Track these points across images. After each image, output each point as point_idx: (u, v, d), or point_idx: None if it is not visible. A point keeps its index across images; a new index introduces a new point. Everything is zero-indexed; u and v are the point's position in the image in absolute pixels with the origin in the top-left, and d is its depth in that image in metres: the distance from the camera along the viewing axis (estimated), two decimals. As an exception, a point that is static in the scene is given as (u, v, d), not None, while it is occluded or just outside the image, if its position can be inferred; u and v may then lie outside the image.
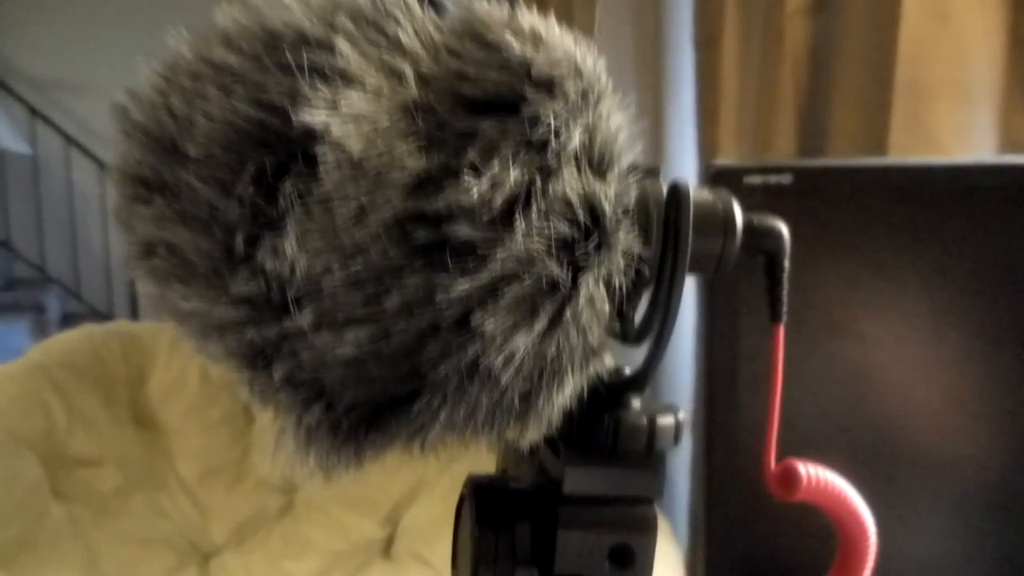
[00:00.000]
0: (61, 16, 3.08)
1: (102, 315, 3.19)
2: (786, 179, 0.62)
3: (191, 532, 1.67)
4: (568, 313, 0.26)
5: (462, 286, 0.24)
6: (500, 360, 0.25)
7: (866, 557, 0.34)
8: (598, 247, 0.26)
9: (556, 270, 0.25)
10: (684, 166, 1.46)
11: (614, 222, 0.26)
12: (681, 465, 1.73)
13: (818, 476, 0.32)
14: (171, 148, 0.26)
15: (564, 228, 0.25)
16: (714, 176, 0.63)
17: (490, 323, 0.24)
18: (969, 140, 1.14)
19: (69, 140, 3.13)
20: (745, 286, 0.65)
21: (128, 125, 0.28)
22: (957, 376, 0.62)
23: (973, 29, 1.16)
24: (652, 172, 0.29)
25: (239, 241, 0.25)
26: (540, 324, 0.25)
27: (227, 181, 0.25)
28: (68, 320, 3.16)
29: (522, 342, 0.25)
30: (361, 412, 0.27)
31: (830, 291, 0.63)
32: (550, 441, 0.33)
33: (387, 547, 1.72)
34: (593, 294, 0.26)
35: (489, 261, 0.24)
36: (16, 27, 3.11)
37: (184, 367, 1.76)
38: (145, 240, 0.27)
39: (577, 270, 0.25)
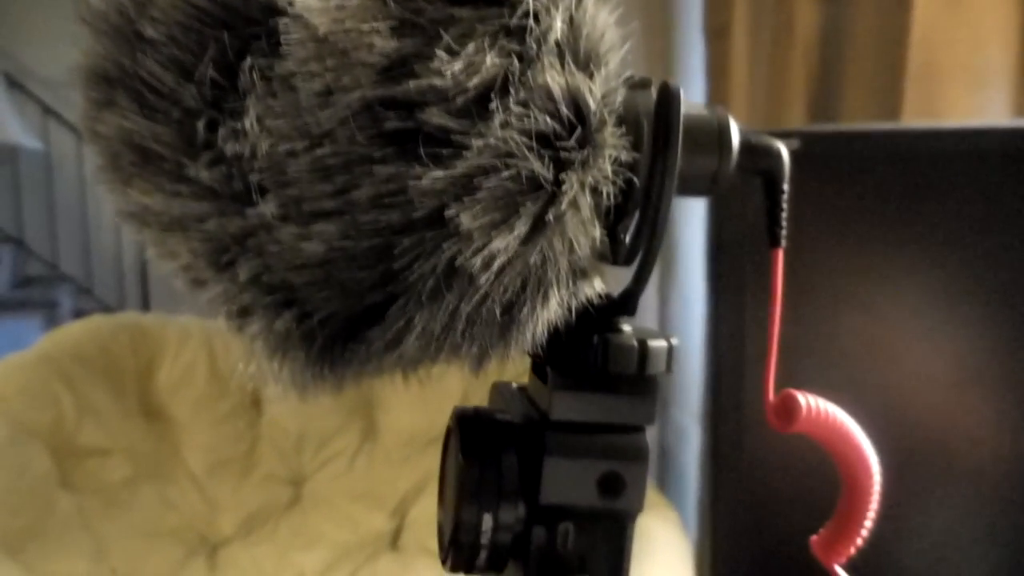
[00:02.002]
0: (73, 15, 3.08)
1: (114, 312, 3.20)
2: (794, 144, 0.61)
3: (199, 524, 1.66)
4: (551, 215, 0.25)
5: (435, 177, 0.23)
6: (479, 262, 0.24)
7: (870, 495, 0.33)
8: (582, 145, 0.25)
9: (537, 166, 0.24)
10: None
11: (599, 120, 0.25)
12: (690, 457, 1.71)
13: (818, 406, 0.31)
14: (131, 33, 0.25)
15: (545, 121, 0.24)
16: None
17: (466, 218, 0.23)
18: (982, 124, 1.12)
19: (82, 137, 3.13)
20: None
21: (88, 15, 0.27)
22: (969, 344, 0.61)
23: (986, 13, 1.15)
24: (643, 83, 0.28)
25: (200, 127, 0.24)
26: (521, 225, 0.24)
27: (187, 64, 0.25)
28: (80, 317, 3.16)
29: (502, 243, 0.24)
30: (335, 324, 0.26)
31: (839, 256, 0.62)
32: (538, 369, 0.32)
33: (395, 539, 1.71)
34: (578, 198, 0.25)
35: (465, 152, 0.23)
36: (28, 26, 3.13)
37: (193, 360, 1.76)
38: (110, 147, 0.27)
39: (560, 168, 0.24)
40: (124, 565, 1.49)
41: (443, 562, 0.32)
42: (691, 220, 1.66)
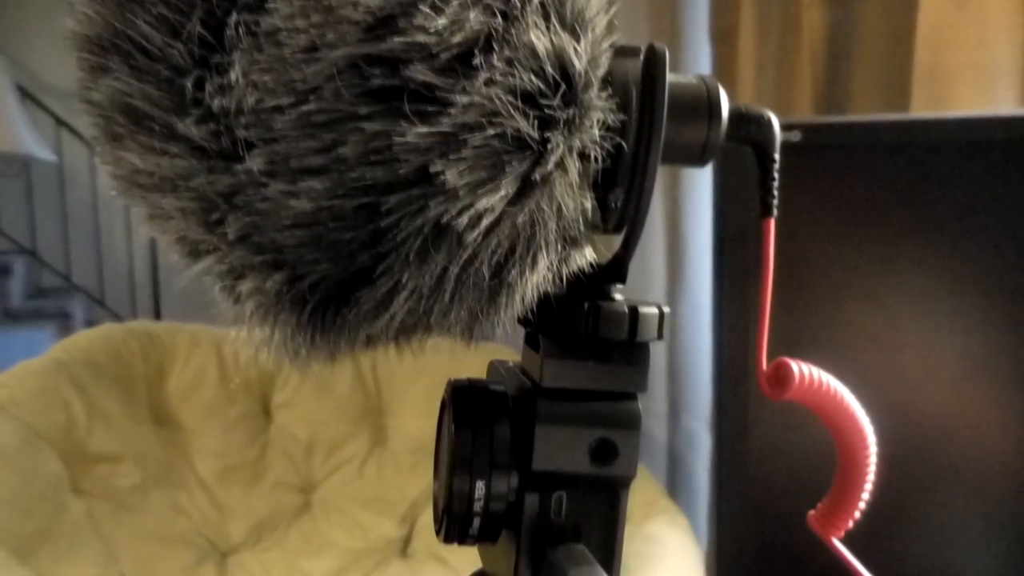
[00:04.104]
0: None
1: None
2: (795, 136, 0.61)
3: (209, 530, 1.67)
4: (537, 175, 0.25)
5: (420, 133, 0.23)
6: (465, 220, 0.24)
7: (866, 466, 0.32)
8: (567, 104, 0.25)
9: (523, 124, 0.24)
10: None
11: (585, 81, 0.25)
12: (701, 463, 1.70)
13: (811, 374, 0.31)
14: None
15: (530, 79, 0.24)
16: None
17: (451, 175, 0.24)
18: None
19: (94, 149, 3.15)
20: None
21: None
22: (975, 337, 0.61)
23: (992, 12, 1.14)
24: (632, 50, 0.29)
25: (188, 84, 0.25)
26: (507, 184, 0.24)
27: (176, 23, 0.25)
28: (92, 327, 3.17)
29: (488, 202, 0.24)
30: (326, 287, 0.26)
31: (841, 249, 0.62)
32: (531, 339, 0.32)
33: (404, 546, 1.70)
34: (565, 160, 0.25)
35: (449, 108, 0.23)
36: (41, 38, 3.16)
37: (203, 366, 1.77)
38: (103, 113, 0.27)
39: (546, 127, 0.25)
40: (134, 570, 1.49)
41: (437, 532, 0.32)
42: (698, 224, 1.66)
